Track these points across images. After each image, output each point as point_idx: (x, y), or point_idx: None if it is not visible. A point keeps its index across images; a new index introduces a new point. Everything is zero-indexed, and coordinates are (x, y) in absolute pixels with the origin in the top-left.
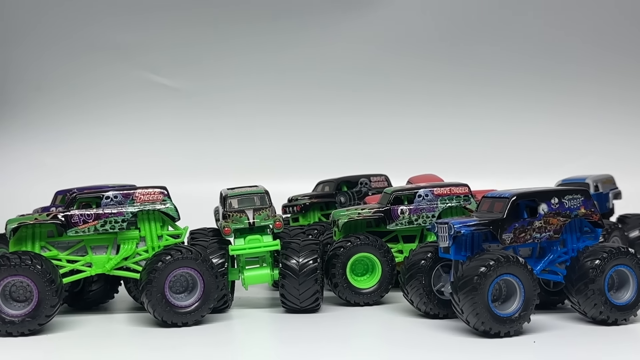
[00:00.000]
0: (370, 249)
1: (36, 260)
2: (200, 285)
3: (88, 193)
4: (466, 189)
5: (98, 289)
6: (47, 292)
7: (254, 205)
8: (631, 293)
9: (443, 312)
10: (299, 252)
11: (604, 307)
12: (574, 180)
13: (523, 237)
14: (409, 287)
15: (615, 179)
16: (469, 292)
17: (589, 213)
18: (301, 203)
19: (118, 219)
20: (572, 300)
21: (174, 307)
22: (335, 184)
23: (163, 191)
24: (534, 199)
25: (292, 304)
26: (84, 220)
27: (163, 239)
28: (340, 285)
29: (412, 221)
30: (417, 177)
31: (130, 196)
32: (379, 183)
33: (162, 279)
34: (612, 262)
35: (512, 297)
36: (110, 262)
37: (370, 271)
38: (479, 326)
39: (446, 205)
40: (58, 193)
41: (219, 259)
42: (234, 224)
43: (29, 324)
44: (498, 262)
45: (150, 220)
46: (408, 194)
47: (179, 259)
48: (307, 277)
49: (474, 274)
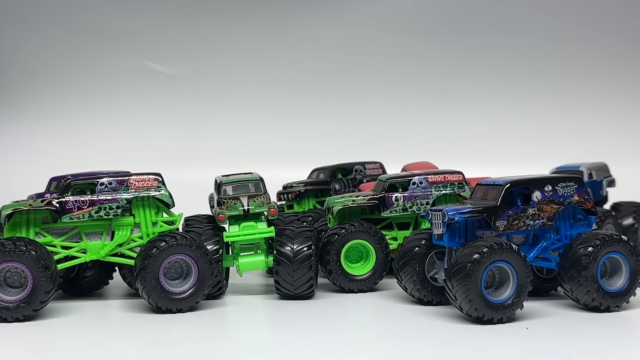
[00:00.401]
0: (365, 236)
1: (31, 246)
2: (194, 272)
3: (82, 179)
4: (460, 177)
5: (93, 275)
6: (42, 278)
7: (248, 192)
8: (623, 280)
9: (437, 298)
10: (294, 239)
11: (597, 294)
12: (568, 168)
13: (516, 224)
14: (403, 274)
15: (610, 167)
16: (463, 279)
17: (582, 200)
18: (296, 190)
19: (112, 206)
20: (565, 287)
21: (168, 293)
22: (330, 171)
23: (158, 178)
24: (528, 187)
25: (287, 290)
26: (79, 207)
27: (158, 225)
28: (335, 272)
29: (407, 208)
30: (412, 165)
31: (125, 183)
32: (374, 170)
33: (156, 265)
34: (604, 249)
35: (505, 284)
36: (104, 248)
37: (365, 258)
38: (472, 313)
39: (440, 193)
40: (52, 179)
41: (214, 246)
42: (229, 210)
43: (24, 310)
44: (491, 249)
45: (145, 207)
46: (402, 181)
47: (173, 246)
48: (301, 264)
49: (468, 261)
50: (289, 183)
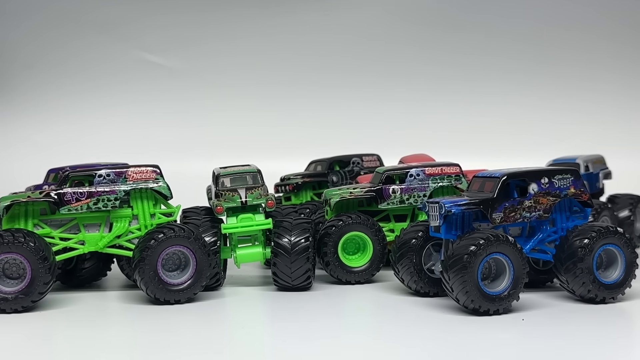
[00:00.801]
0: (362, 228)
1: (29, 237)
2: (192, 263)
3: (81, 171)
4: (457, 169)
5: (91, 267)
6: (40, 270)
7: (246, 184)
8: (619, 272)
9: (433, 290)
10: (291, 231)
11: (592, 286)
12: (564, 160)
13: (513, 216)
14: (400, 266)
15: (606, 159)
16: (459, 271)
17: (578, 193)
18: (293, 182)
19: (111, 197)
20: (561, 278)
21: (166, 284)
22: (328, 163)
23: (156, 170)
24: (524, 179)
25: (284, 282)
26: (77, 198)
27: (156, 217)
28: (332, 263)
29: (404, 200)
30: (409, 157)
31: (123, 174)
32: (371, 162)
33: (154, 256)
34: (600, 241)
35: (501, 276)
36: (103, 240)
37: (362, 250)
38: (469, 304)
39: (437, 185)
40: (51, 171)
41: (212, 237)
42: (227, 202)
43: (22, 301)
44: (488, 241)
45: (143, 199)
46: (400, 173)
47: (171, 237)
48: (299, 255)
49: (464, 253)
50: (287, 175)
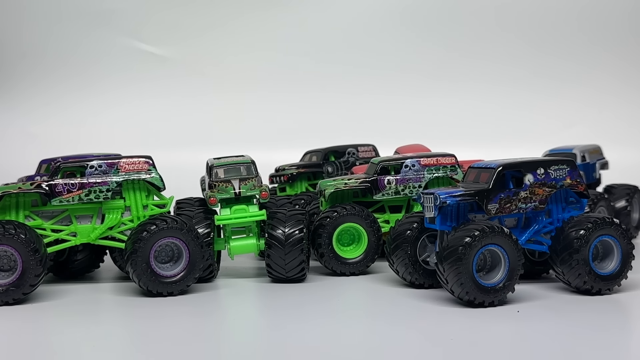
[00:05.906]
0: (357, 219)
1: (20, 229)
2: (185, 255)
3: (72, 162)
4: (453, 160)
5: (83, 259)
6: (31, 262)
7: (240, 175)
8: (615, 263)
9: (428, 282)
10: (285, 222)
11: (588, 277)
12: (561, 151)
13: (508, 207)
14: (395, 257)
15: (603, 149)
16: (454, 262)
17: (574, 183)
18: (288, 173)
19: (102, 189)
20: (557, 270)
21: (159, 276)
22: (323, 153)
23: (148, 160)
24: (520, 170)
25: (278, 273)
26: (68, 190)
27: (148, 208)
28: (327, 255)
29: (399, 191)
30: (405, 147)
31: (115, 165)
32: (367, 153)
33: (147, 248)
34: (596, 232)
35: (496, 267)
36: (95, 231)
37: (357, 241)
38: (464, 296)
39: (433, 176)
40: (43, 162)
41: (205, 229)
42: (220, 193)
43: (13, 293)
44: (483, 232)
45: (135, 190)
46: (395, 164)
47: (164, 229)
48: (293, 247)
49: (459, 244)
50: (282, 166)
